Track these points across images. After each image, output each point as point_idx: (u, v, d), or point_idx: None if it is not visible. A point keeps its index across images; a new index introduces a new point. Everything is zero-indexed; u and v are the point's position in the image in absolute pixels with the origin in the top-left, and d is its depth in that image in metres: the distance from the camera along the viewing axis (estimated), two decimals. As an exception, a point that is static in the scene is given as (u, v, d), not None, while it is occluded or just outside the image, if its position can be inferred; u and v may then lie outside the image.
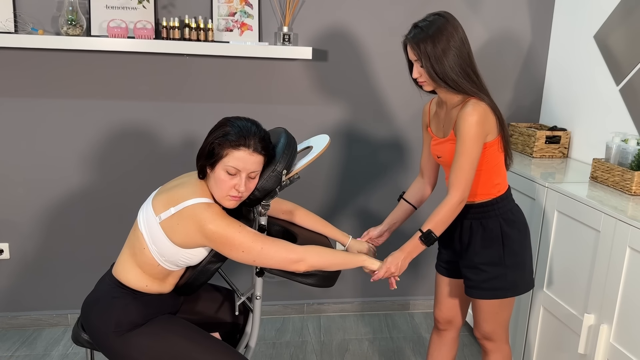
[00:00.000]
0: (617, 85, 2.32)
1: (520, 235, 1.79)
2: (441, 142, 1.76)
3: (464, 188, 1.64)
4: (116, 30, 2.36)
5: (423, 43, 1.61)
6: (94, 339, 1.63)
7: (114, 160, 2.62)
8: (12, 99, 2.48)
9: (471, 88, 1.64)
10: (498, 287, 1.77)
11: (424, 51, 1.61)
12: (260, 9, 2.54)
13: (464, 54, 1.63)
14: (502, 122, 1.69)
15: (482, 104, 1.63)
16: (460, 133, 1.62)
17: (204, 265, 1.66)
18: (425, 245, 1.68)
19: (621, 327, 1.78)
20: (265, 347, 2.65)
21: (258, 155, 1.56)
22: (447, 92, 1.69)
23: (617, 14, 2.33)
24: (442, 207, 1.66)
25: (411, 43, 1.64)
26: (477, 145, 1.62)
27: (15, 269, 2.67)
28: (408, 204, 1.96)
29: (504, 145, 1.73)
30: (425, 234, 1.67)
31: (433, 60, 1.60)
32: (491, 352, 1.90)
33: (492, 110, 1.65)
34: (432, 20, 1.63)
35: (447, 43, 1.60)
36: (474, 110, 1.61)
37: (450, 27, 1.62)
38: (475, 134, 1.61)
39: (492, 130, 1.67)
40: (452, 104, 1.72)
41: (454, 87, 1.64)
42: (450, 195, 1.65)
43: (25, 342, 2.61)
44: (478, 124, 1.61)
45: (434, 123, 1.84)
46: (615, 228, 1.78)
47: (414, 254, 1.71)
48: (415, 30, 1.64)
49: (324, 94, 2.69)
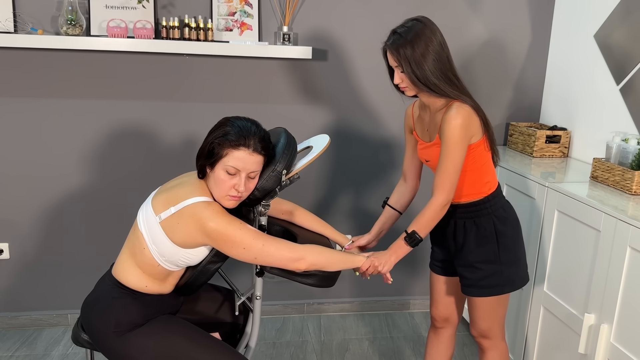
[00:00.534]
0: (618, 84, 2.32)
1: (513, 231, 1.80)
2: (428, 147, 1.77)
3: (448, 190, 1.65)
4: (116, 30, 2.36)
5: (402, 48, 1.61)
6: (94, 339, 1.63)
7: (114, 160, 2.62)
8: (11, 99, 2.48)
9: (453, 91, 1.65)
10: (494, 284, 1.78)
11: (404, 56, 1.61)
12: (260, 8, 2.54)
13: (443, 58, 1.63)
14: (486, 122, 1.70)
15: (465, 106, 1.64)
16: (445, 136, 1.63)
17: (204, 265, 1.66)
18: (409, 246, 1.70)
19: (622, 327, 1.77)
20: (266, 347, 2.64)
21: (258, 155, 1.56)
22: (430, 96, 1.69)
23: (617, 14, 2.33)
24: (427, 209, 1.68)
25: (390, 49, 1.64)
26: (461, 148, 1.63)
27: (15, 269, 2.67)
28: (393, 210, 1.97)
29: (490, 144, 1.74)
30: (410, 234, 1.69)
31: (413, 65, 1.61)
32: (488, 350, 1.91)
33: (475, 112, 1.66)
34: (410, 25, 1.64)
35: (426, 47, 1.60)
36: (457, 113, 1.61)
37: (429, 31, 1.62)
38: (459, 137, 1.62)
39: (477, 132, 1.68)
40: (435, 108, 1.72)
41: (436, 90, 1.64)
42: (434, 198, 1.67)
43: (25, 342, 2.61)
44: (462, 127, 1.61)
45: (418, 127, 1.84)
46: (615, 228, 1.78)
47: (400, 254, 1.73)
48: (394, 37, 1.64)
49: (324, 93, 2.69)
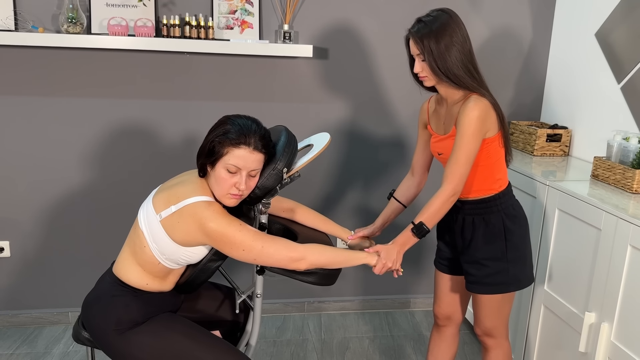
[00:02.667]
0: (619, 83, 2.32)
1: (522, 230, 1.80)
2: (442, 139, 1.76)
3: (457, 181, 1.64)
4: (116, 28, 2.36)
5: (426, 38, 1.61)
6: (95, 337, 1.63)
7: (115, 158, 2.62)
8: (12, 97, 2.48)
9: (472, 84, 1.65)
10: (500, 281, 1.77)
11: (427, 46, 1.61)
12: (260, 6, 2.53)
13: (465, 51, 1.64)
14: (502, 118, 1.70)
15: (483, 100, 1.64)
16: (461, 127, 1.62)
17: (205, 263, 1.66)
18: (417, 237, 1.68)
19: (622, 326, 1.77)
20: (266, 345, 2.65)
21: (258, 153, 1.56)
22: (448, 88, 1.69)
23: (618, 12, 2.33)
24: (435, 199, 1.66)
25: (414, 37, 1.64)
26: (475, 140, 1.62)
27: (16, 267, 2.67)
28: (398, 203, 1.97)
29: (504, 142, 1.73)
30: (417, 226, 1.67)
31: (436, 55, 1.61)
32: (492, 349, 1.90)
33: (493, 107, 1.66)
34: (436, 15, 1.64)
35: (450, 39, 1.61)
36: (475, 105, 1.61)
37: (453, 23, 1.63)
38: (475, 129, 1.61)
39: (493, 127, 1.68)
40: (453, 101, 1.72)
41: (456, 82, 1.64)
42: (443, 188, 1.65)
43: (26, 340, 2.61)
44: (479, 120, 1.61)
45: (433, 121, 1.84)
46: (616, 226, 1.78)
47: (407, 246, 1.71)
48: (419, 25, 1.64)
49: (325, 92, 2.69)
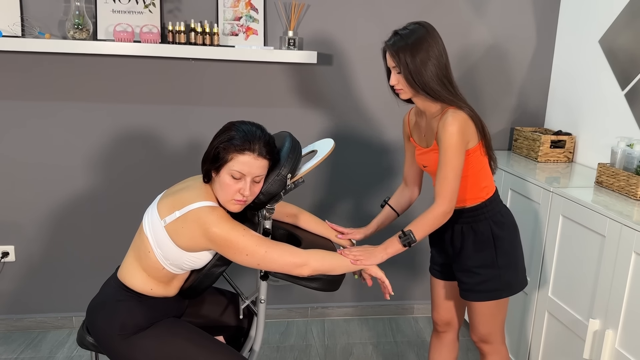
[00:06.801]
0: (623, 89, 2.32)
1: (511, 235, 1.80)
2: (425, 152, 1.77)
3: (450, 198, 1.63)
4: (122, 34, 2.37)
5: (402, 52, 1.60)
6: (99, 341, 1.64)
7: (120, 164, 2.63)
8: (18, 102, 2.49)
9: (448, 97, 1.64)
10: (493, 288, 1.77)
11: (403, 60, 1.60)
12: (265, 13, 2.55)
13: (442, 65, 1.63)
14: (482, 127, 1.69)
15: (461, 112, 1.63)
16: (442, 143, 1.62)
17: (209, 268, 1.66)
18: (402, 244, 1.66)
19: (627, 333, 1.77)
20: (270, 351, 2.64)
21: (263, 159, 1.57)
22: (425, 101, 1.69)
23: (622, 19, 2.33)
24: (427, 214, 1.66)
25: (390, 50, 1.64)
26: (459, 154, 1.62)
27: (21, 272, 2.68)
28: (392, 210, 1.97)
29: (486, 150, 1.73)
30: (405, 233, 1.66)
31: (412, 69, 1.60)
32: (489, 355, 1.90)
33: (471, 118, 1.65)
34: (413, 29, 1.63)
35: (427, 53, 1.60)
36: (454, 119, 1.61)
37: (430, 37, 1.62)
38: (456, 142, 1.61)
39: (473, 138, 1.68)
40: (431, 114, 1.72)
41: (432, 95, 1.63)
42: (436, 204, 1.65)
43: (30, 345, 2.62)
44: (459, 133, 1.61)
45: (415, 133, 1.84)
46: (620, 233, 1.78)
47: (390, 252, 1.68)
48: (395, 38, 1.64)
49: (329, 98, 2.70)
